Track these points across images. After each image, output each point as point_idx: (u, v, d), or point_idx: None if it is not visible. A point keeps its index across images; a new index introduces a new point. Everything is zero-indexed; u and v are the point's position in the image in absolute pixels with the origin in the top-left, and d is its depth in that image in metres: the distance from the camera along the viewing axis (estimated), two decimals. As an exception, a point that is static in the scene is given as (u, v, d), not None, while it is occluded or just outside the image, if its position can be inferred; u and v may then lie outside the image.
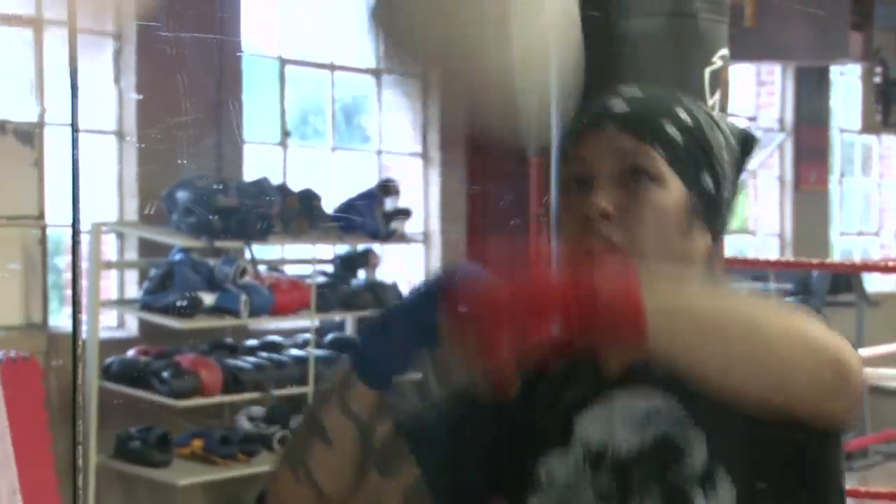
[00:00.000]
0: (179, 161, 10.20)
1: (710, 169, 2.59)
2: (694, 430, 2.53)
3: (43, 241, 9.84)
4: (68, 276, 9.52)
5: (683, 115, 2.61)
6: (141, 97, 10.22)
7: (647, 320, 2.25)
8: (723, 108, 5.03)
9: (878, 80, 15.54)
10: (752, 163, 15.76)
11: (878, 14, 11.15)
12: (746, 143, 2.73)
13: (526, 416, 2.70)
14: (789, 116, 16.91)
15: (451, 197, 12.37)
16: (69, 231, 9.52)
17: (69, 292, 9.76)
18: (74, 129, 8.90)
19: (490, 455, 2.76)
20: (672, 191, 2.56)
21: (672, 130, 2.58)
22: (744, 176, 2.73)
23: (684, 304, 2.34)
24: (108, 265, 10.07)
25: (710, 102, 4.93)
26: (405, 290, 11.33)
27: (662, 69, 4.97)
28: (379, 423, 2.63)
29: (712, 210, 2.60)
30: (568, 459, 2.64)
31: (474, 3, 2.61)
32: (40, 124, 9.78)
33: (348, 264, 10.69)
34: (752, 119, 16.46)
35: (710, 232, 2.62)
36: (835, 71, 16.26)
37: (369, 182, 11.71)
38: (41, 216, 9.69)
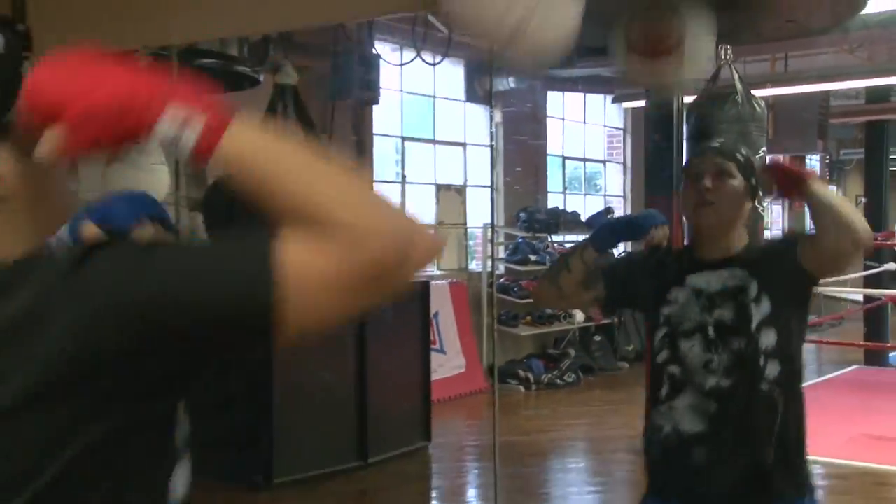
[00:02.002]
0: (520, 200, 10.25)
1: (755, 175, 2.47)
2: (752, 280, 2.38)
3: (465, 233, 9.88)
4: (476, 248, 10.23)
5: (745, 152, 2.50)
6: (506, 178, 10.17)
7: None
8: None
9: (827, 161, 14.57)
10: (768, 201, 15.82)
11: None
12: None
13: (667, 271, 2.50)
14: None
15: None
16: (478, 230, 9.83)
17: (476, 254, 10.01)
18: (493, 188, 9.26)
19: (645, 284, 2.55)
20: (738, 181, 2.44)
21: (739, 156, 2.47)
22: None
23: None
24: (493, 243, 9.70)
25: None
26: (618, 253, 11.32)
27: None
28: (595, 267, 2.55)
29: (755, 193, 2.48)
30: (683, 291, 2.46)
31: None
32: (465, 185, 9.92)
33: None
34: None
35: (752, 202, 2.48)
36: (807, 158, 16.09)
37: (600, 207, 11.52)
38: (465, 223, 9.81)
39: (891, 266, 10.61)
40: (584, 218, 10.80)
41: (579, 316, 10.22)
